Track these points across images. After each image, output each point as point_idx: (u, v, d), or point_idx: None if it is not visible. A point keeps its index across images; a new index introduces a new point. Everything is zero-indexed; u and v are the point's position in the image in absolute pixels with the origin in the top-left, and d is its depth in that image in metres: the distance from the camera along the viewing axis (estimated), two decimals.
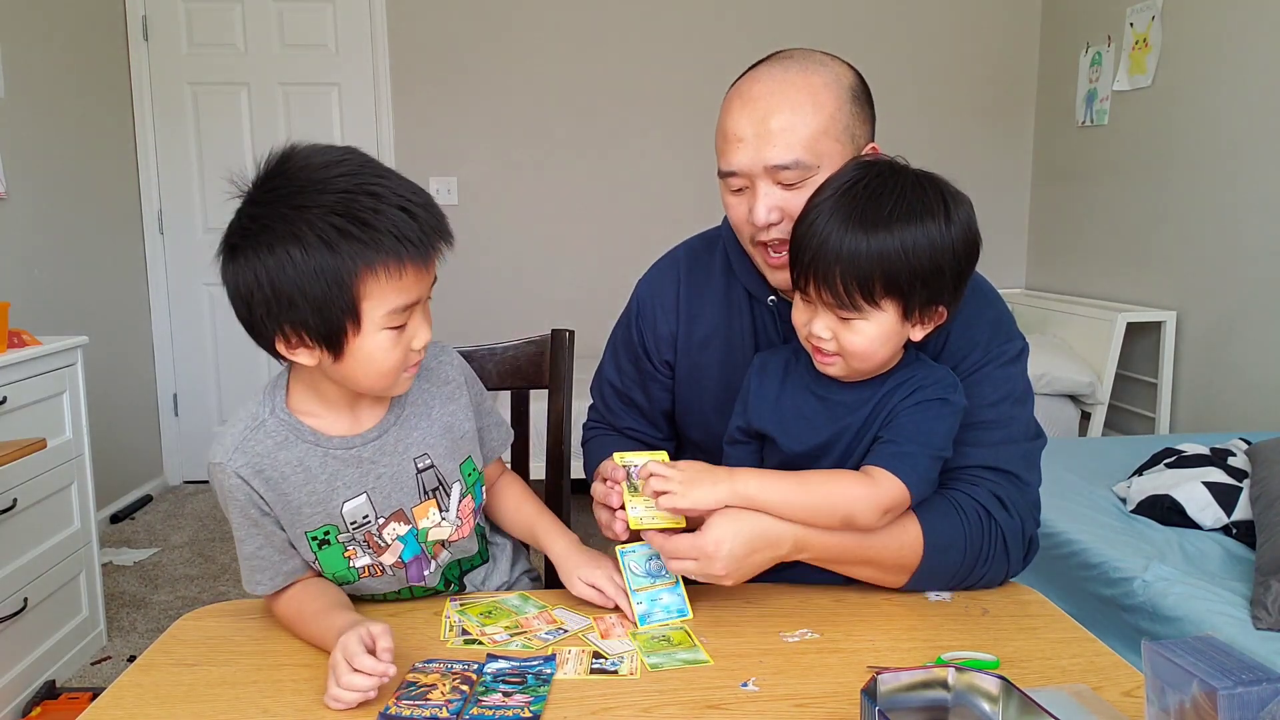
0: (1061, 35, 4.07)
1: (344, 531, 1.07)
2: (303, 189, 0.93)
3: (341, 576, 1.10)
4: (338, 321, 0.94)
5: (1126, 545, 1.99)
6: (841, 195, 1.03)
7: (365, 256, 0.92)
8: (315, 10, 4.01)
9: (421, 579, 1.13)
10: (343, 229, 0.91)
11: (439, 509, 1.11)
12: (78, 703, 2.19)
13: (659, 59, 4.16)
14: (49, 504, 2.39)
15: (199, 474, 4.22)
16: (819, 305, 1.05)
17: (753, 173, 1.13)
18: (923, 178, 1.05)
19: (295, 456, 1.04)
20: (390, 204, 0.93)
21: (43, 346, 2.35)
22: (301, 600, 1.06)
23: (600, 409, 1.44)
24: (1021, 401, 1.17)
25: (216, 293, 4.13)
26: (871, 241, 1.00)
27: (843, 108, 1.13)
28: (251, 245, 0.94)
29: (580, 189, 4.18)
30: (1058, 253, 4.15)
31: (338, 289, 0.92)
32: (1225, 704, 0.66)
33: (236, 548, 1.08)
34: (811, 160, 1.10)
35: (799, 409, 1.12)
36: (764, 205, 1.12)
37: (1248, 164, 2.99)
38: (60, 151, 3.38)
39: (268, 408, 1.05)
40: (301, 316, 0.94)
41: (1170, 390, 3.35)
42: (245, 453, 1.02)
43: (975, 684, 0.78)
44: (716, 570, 1.01)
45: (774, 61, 1.16)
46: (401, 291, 0.95)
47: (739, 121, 1.13)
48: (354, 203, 0.92)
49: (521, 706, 0.88)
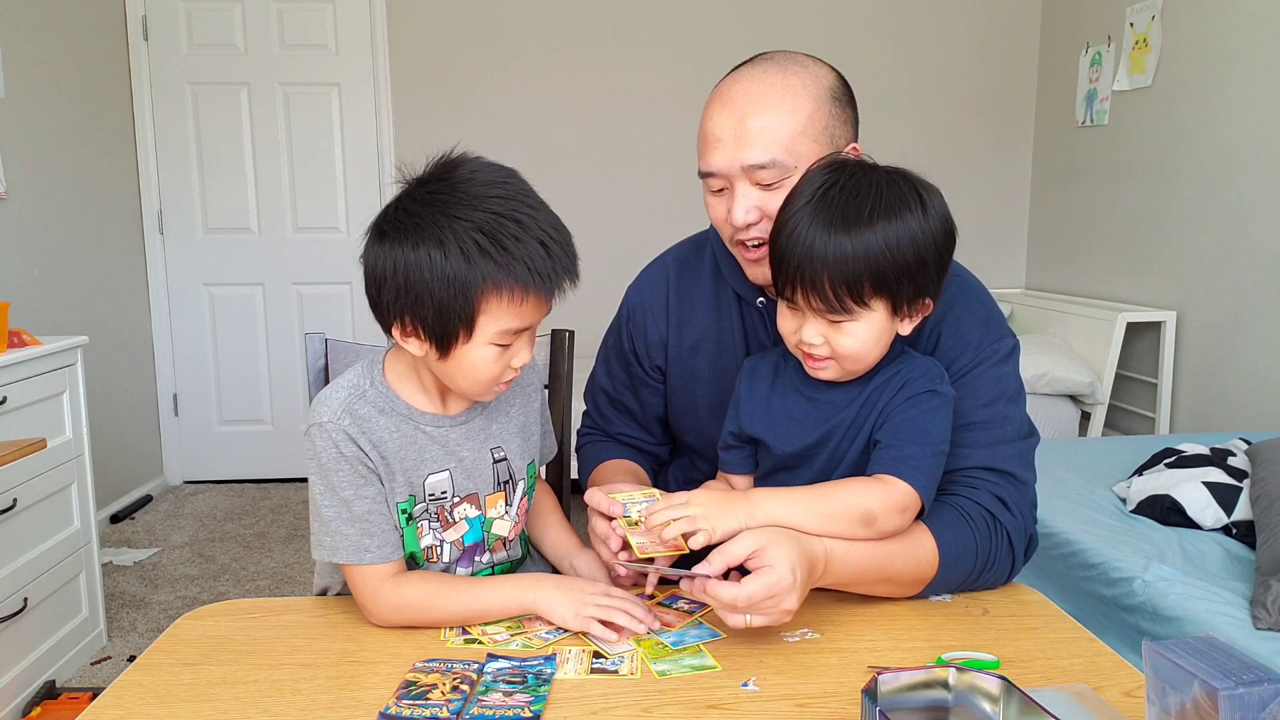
0: (1061, 35, 4.07)
1: (421, 502, 1.11)
2: (460, 200, 0.99)
3: (413, 558, 1.12)
4: (453, 327, 1.00)
5: (1126, 545, 1.99)
6: (819, 200, 1.03)
7: (495, 277, 0.98)
8: (315, 10, 4.01)
9: (470, 565, 1.15)
10: (483, 247, 0.97)
11: (506, 502, 1.16)
12: (78, 703, 2.19)
13: (659, 59, 4.16)
14: (49, 504, 2.38)
15: (199, 474, 4.22)
16: (807, 312, 1.04)
17: (731, 173, 1.14)
18: (894, 173, 1.06)
19: (392, 424, 1.09)
20: (532, 235, 1.00)
21: (43, 346, 2.35)
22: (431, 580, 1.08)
23: (594, 415, 1.44)
24: (1014, 400, 1.17)
25: (216, 293, 4.15)
26: (856, 243, 1.00)
27: (821, 108, 1.14)
28: (399, 236, 1.00)
29: (580, 189, 4.18)
30: (1058, 253, 4.15)
31: (462, 299, 0.99)
32: (1226, 704, 0.66)
33: (331, 520, 1.07)
34: (789, 160, 1.12)
35: (789, 411, 1.13)
36: (742, 205, 1.14)
37: (1248, 164, 2.99)
38: (60, 151, 3.38)
39: (367, 379, 1.10)
40: (423, 313, 1.00)
41: (1170, 390, 3.35)
42: (351, 415, 1.07)
43: (976, 684, 0.78)
44: (791, 605, 0.95)
45: (754, 63, 1.17)
46: (518, 316, 1.01)
47: (717, 122, 1.14)
48: (500, 226, 0.98)
49: (521, 706, 0.88)
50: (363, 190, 4.14)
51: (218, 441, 4.22)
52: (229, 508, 3.87)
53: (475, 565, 1.16)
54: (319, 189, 4.12)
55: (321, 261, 4.13)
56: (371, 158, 4.13)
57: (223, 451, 4.22)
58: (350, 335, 4.13)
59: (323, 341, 1.46)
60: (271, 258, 4.11)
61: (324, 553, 1.08)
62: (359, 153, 4.13)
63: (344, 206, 4.14)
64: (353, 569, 1.07)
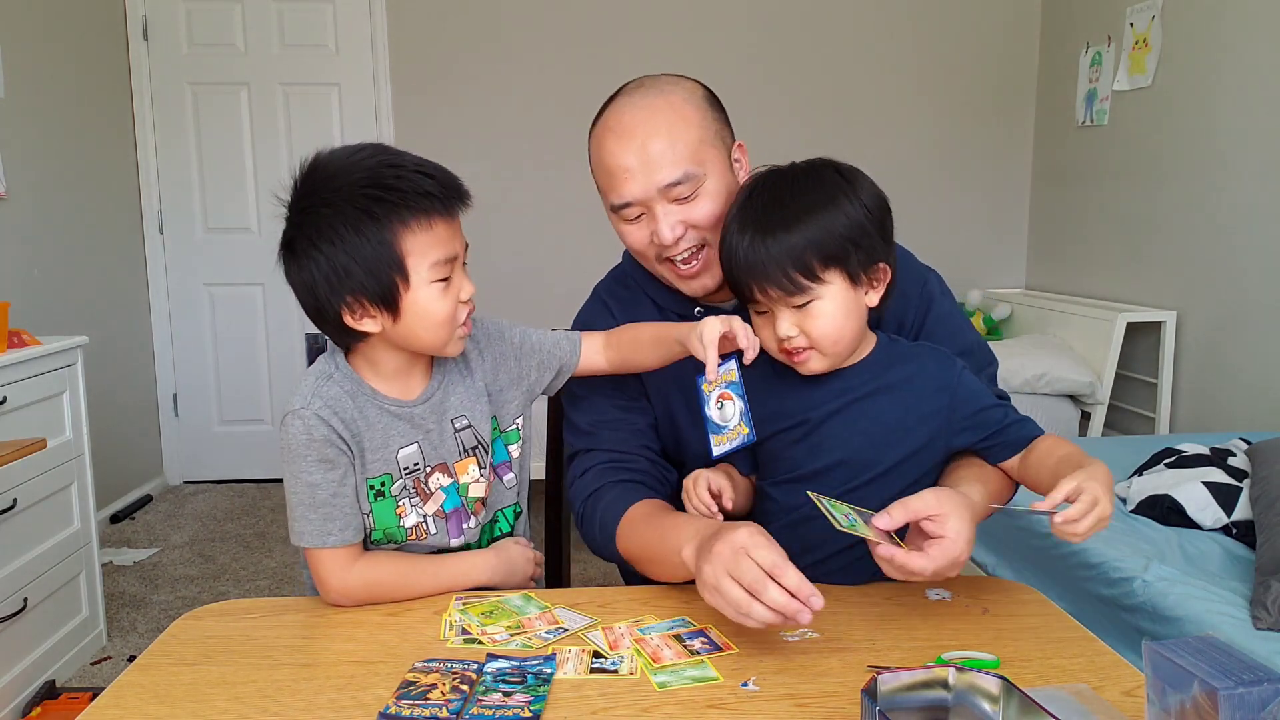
0: (1061, 35, 4.07)
1: (398, 479, 1.15)
2: (334, 176, 1.07)
3: (391, 535, 1.16)
4: (389, 280, 1.06)
5: (1126, 545, 1.99)
6: (745, 207, 1.10)
7: (400, 215, 1.05)
8: (315, 10, 4.01)
9: (460, 534, 1.19)
10: (375, 196, 1.05)
11: (479, 465, 1.20)
12: (78, 703, 2.19)
13: (659, 59, 4.15)
14: (49, 504, 2.39)
15: (199, 474, 4.22)
16: (773, 307, 1.09)
17: (647, 198, 1.18)
18: (810, 164, 1.13)
19: (359, 405, 1.14)
20: (410, 170, 1.07)
21: (43, 346, 2.35)
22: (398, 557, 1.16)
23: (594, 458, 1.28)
24: (968, 326, 1.29)
25: (216, 293, 4.15)
26: (795, 231, 1.06)
27: (706, 115, 1.20)
28: (304, 236, 1.08)
29: (580, 189, 4.17)
30: (1058, 253, 4.15)
31: (383, 248, 1.05)
32: (1226, 704, 0.66)
33: (296, 507, 1.11)
34: (698, 170, 1.17)
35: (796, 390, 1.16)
36: (666, 224, 1.18)
37: (1248, 164, 2.99)
38: (60, 151, 3.38)
39: (332, 365, 1.16)
40: (359, 282, 1.06)
41: (1170, 390, 3.35)
42: (321, 397, 1.12)
43: (976, 684, 0.78)
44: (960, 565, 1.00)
45: (629, 93, 1.22)
46: (436, 244, 1.07)
47: (621, 155, 1.18)
48: (379, 175, 1.06)
49: (521, 706, 0.88)
50: None
51: (218, 441, 4.22)
52: (229, 508, 3.87)
53: (466, 534, 1.20)
54: None
55: None
56: None
57: (223, 451, 4.22)
58: None
59: (323, 341, 1.45)
60: (271, 258, 3.98)
61: (294, 537, 1.13)
62: None
63: None
64: (317, 552, 1.12)
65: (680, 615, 1.08)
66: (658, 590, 1.15)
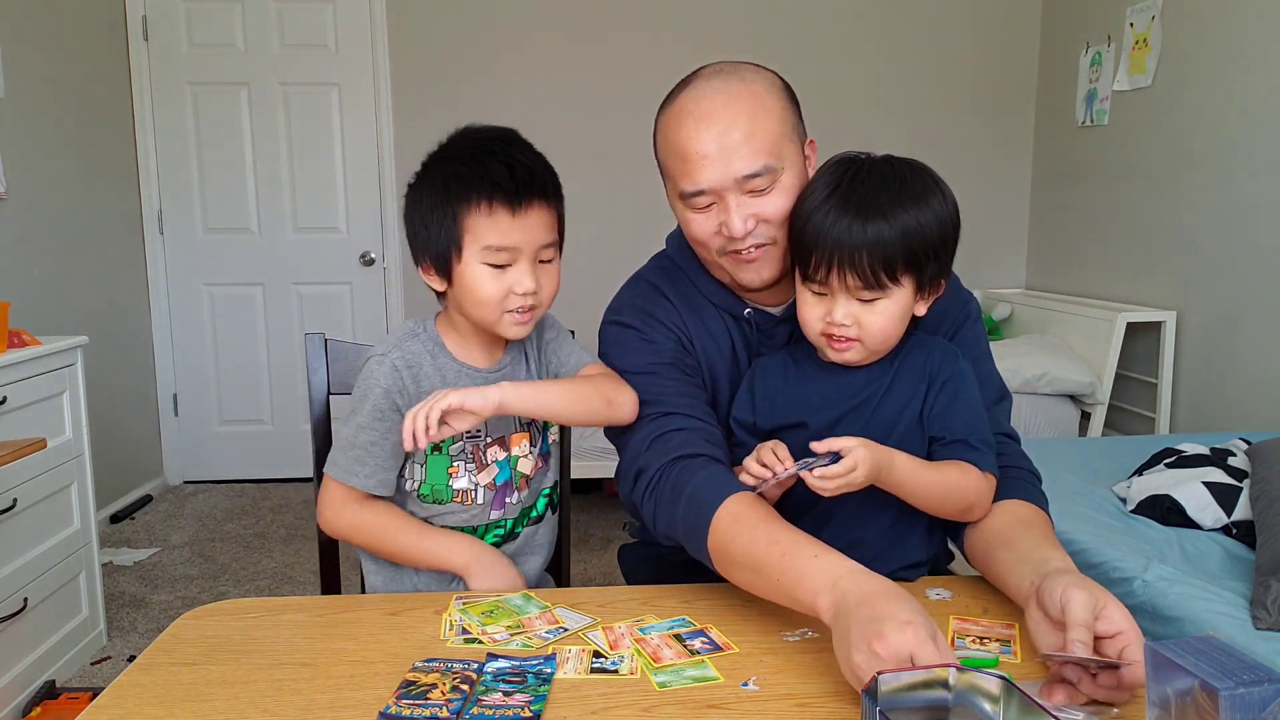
0: (1061, 35, 4.07)
1: (458, 440, 1.22)
2: (450, 146, 1.19)
3: (438, 493, 1.24)
4: (445, 248, 1.16)
5: (1126, 545, 1.99)
6: (848, 187, 1.09)
7: (464, 195, 1.13)
8: (315, 10, 4.01)
9: (503, 508, 1.26)
10: (456, 174, 1.14)
11: (530, 442, 1.27)
12: (78, 703, 2.19)
13: (659, 58, 4.16)
14: (49, 504, 2.39)
15: (199, 474, 4.22)
16: (838, 293, 1.09)
17: (723, 187, 1.13)
18: (911, 163, 1.13)
19: (438, 365, 1.23)
20: (500, 160, 1.14)
21: (43, 346, 2.35)
22: (395, 513, 1.24)
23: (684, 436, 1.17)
24: (991, 357, 1.29)
25: (216, 292, 4.15)
26: (892, 223, 1.06)
27: (787, 109, 1.17)
28: (413, 190, 1.20)
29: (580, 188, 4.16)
30: (1058, 253, 4.15)
31: (447, 220, 1.15)
32: (1226, 704, 0.66)
33: (338, 438, 1.22)
34: (777, 163, 1.14)
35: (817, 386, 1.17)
36: (739, 216, 1.14)
37: (1248, 164, 2.99)
38: (60, 151, 3.38)
39: (421, 327, 1.26)
40: (427, 244, 1.17)
41: (1170, 390, 3.35)
42: (404, 351, 1.21)
43: (976, 684, 0.78)
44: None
45: (709, 76, 1.17)
46: (494, 231, 1.13)
47: (699, 140, 1.13)
48: (472, 157, 1.15)
49: (521, 706, 0.88)
50: (363, 190, 4.14)
51: (218, 441, 4.22)
52: (229, 508, 3.87)
53: (507, 509, 1.27)
54: (319, 189, 4.12)
55: (321, 261, 4.13)
56: (371, 158, 4.13)
57: (223, 451, 4.22)
58: (350, 335, 4.13)
59: (323, 341, 1.46)
60: (271, 258, 4.11)
61: (327, 464, 1.23)
62: (359, 153, 4.13)
63: (344, 206, 4.14)
64: (332, 482, 1.22)
65: (680, 615, 1.08)
66: (658, 590, 1.16)
